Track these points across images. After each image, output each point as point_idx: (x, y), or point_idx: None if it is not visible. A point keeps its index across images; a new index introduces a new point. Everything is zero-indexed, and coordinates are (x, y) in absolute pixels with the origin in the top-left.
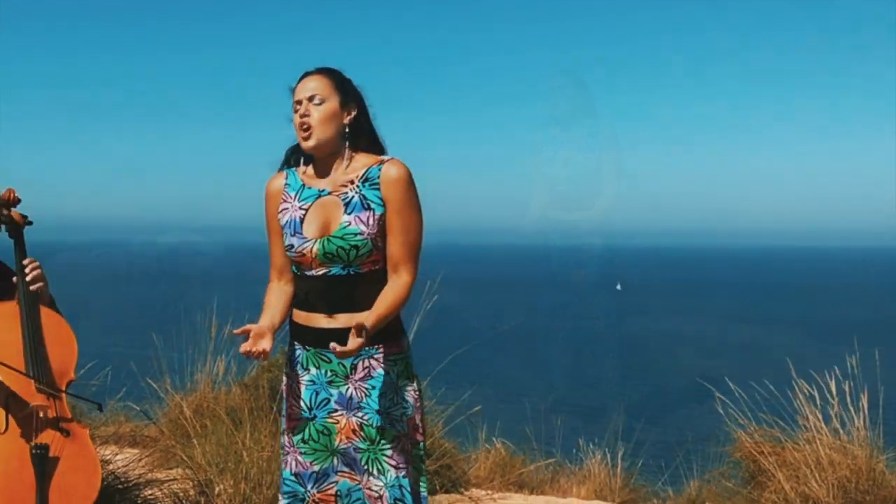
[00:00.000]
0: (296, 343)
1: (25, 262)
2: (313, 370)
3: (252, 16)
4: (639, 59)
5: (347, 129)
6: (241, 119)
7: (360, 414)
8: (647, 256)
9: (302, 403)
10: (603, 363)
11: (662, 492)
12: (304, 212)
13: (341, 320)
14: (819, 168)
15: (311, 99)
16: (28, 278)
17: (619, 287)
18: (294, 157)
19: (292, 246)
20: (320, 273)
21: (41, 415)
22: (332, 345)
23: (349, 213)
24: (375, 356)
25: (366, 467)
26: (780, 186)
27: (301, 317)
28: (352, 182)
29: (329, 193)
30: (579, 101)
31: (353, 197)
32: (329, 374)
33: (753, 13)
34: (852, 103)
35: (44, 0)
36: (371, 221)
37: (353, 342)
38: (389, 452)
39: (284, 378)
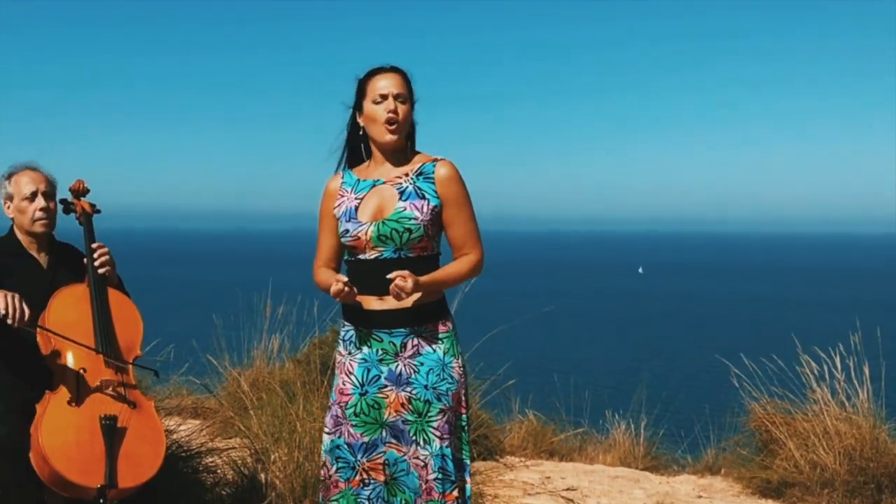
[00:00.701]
0: (348, 324)
1: (94, 246)
2: (365, 349)
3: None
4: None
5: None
6: (292, 117)
7: (408, 389)
8: (667, 242)
9: (354, 380)
10: (626, 341)
11: (682, 459)
12: (359, 200)
13: (391, 302)
14: (827, 161)
15: (396, 96)
16: (96, 263)
17: (641, 270)
18: (351, 151)
19: (348, 231)
20: (372, 256)
21: (110, 388)
22: (391, 276)
23: (404, 200)
24: (424, 335)
25: (413, 438)
26: (790, 178)
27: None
28: (406, 175)
29: (384, 183)
30: None
31: (407, 187)
32: (380, 352)
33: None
34: (851, 103)
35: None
36: (426, 209)
37: (409, 281)
38: (435, 424)
39: (337, 356)
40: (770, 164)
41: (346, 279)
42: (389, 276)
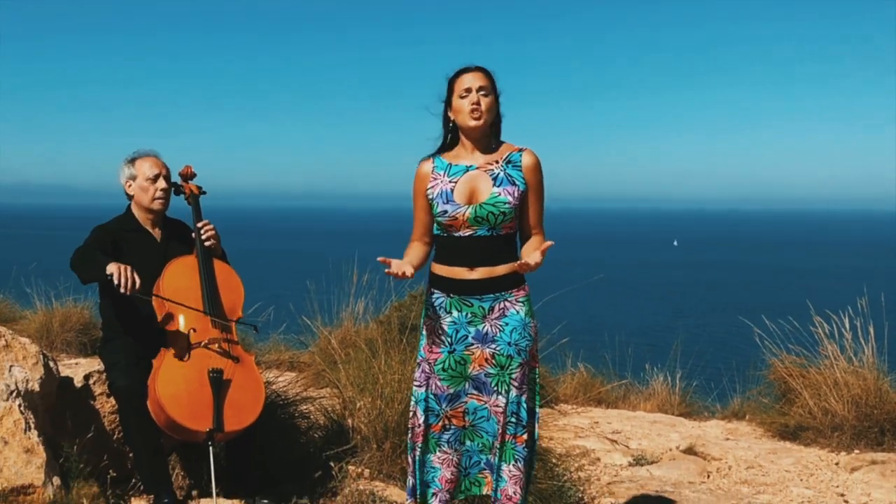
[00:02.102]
0: (437, 291)
1: (200, 224)
2: (455, 313)
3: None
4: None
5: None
6: (388, 108)
7: (493, 346)
8: (698, 219)
9: (444, 340)
10: (663, 304)
11: (712, 406)
12: (453, 184)
13: (479, 272)
14: (841, 146)
15: (479, 90)
16: (203, 237)
17: (675, 243)
18: (443, 140)
19: (446, 212)
20: (467, 234)
21: (216, 345)
22: (521, 263)
23: (498, 186)
24: (509, 299)
25: (495, 388)
26: (811, 163)
27: (443, 270)
28: (496, 162)
29: (476, 169)
30: None
31: (499, 173)
32: (469, 315)
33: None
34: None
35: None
36: (516, 194)
37: (536, 258)
38: (515, 376)
39: (427, 320)
40: (788, 152)
41: (395, 269)
42: (523, 266)
